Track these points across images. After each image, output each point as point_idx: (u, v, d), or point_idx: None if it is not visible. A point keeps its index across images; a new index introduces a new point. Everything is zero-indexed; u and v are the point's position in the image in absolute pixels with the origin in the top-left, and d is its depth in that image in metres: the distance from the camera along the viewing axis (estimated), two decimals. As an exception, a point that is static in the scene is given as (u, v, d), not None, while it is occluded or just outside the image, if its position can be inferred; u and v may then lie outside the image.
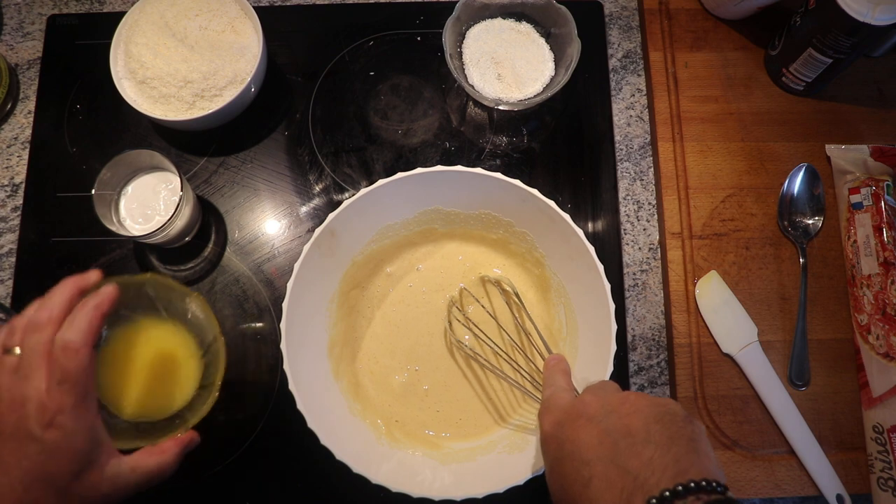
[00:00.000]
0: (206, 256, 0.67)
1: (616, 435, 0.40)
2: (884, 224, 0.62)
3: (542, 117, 0.72)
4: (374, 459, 0.55)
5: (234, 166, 0.70)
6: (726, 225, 0.67)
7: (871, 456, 0.59)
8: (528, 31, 0.70)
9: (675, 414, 0.40)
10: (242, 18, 0.68)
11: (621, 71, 0.74)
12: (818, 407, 0.62)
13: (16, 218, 0.68)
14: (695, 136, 0.70)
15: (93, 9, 0.75)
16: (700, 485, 0.35)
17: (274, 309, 0.65)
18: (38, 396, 0.39)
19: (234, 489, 0.61)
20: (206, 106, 0.65)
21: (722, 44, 0.73)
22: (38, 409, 0.39)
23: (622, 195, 0.69)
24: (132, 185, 0.63)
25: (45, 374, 0.40)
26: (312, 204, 0.69)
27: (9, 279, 0.66)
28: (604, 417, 0.41)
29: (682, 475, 0.36)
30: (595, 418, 0.42)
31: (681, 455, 0.37)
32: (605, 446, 0.39)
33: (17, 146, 0.70)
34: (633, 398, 0.42)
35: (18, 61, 0.73)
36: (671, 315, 0.65)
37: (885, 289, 0.61)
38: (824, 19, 0.61)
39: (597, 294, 0.56)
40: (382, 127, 0.71)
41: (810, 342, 0.64)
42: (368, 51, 0.73)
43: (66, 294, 0.44)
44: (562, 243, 0.58)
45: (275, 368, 0.64)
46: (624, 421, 0.40)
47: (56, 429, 0.39)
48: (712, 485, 0.35)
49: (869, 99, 0.71)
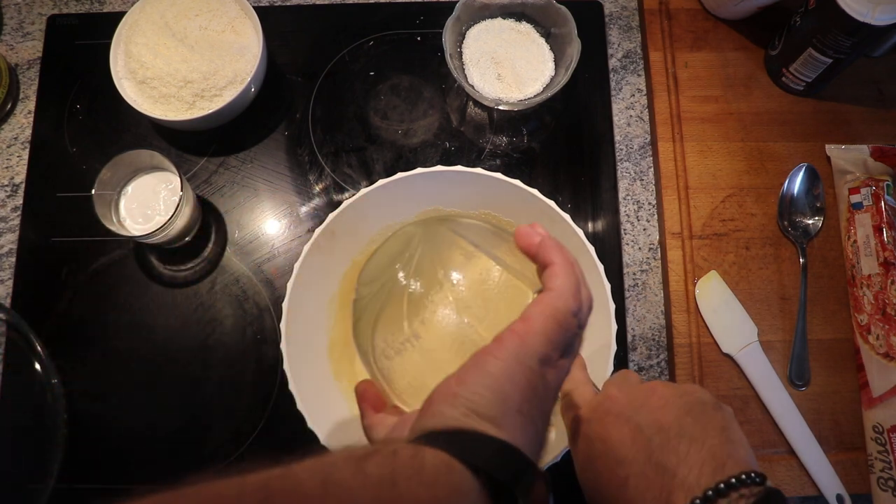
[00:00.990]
0: (206, 256, 0.67)
1: (649, 431, 0.39)
2: (884, 224, 0.62)
3: (542, 117, 0.72)
4: (374, 459, 0.55)
5: (234, 166, 0.70)
6: (726, 225, 0.67)
7: (871, 456, 0.59)
8: (528, 31, 0.70)
9: (705, 403, 0.40)
10: (242, 18, 0.68)
11: (621, 71, 0.73)
12: (818, 407, 0.62)
13: (16, 218, 0.68)
14: (695, 136, 0.70)
15: (93, 9, 0.75)
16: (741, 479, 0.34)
17: (274, 309, 0.65)
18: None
19: (234, 489, 0.61)
20: (206, 106, 0.65)
21: (722, 44, 0.73)
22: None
23: (622, 195, 0.69)
24: (132, 185, 0.63)
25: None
26: (312, 204, 0.69)
27: (9, 279, 0.66)
28: (633, 413, 0.40)
29: (721, 470, 0.35)
30: (624, 415, 0.41)
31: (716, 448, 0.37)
32: (639, 444, 0.38)
33: (17, 146, 0.70)
34: (660, 390, 0.41)
35: (18, 61, 0.73)
36: (671, 315, 0.65)
37: (885, 289, 0.61)
38: (824, 19, 0.60)
39: (597, 294, 0.56)
40: (382, 127, 0.71)
41: (810, 342, 0.64)
42: (368, 51, 0.73)
43: None
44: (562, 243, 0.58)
45: (275, 368, 0.64)
46: (655, 416, 0.39)
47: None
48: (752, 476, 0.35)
49: (869, 99, 0.71)
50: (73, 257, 0.67)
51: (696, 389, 0.41)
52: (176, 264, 0.67)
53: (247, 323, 0.65)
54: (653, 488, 0.36)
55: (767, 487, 0.35)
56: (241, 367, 0.64)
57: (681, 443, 0.37)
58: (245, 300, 0.66)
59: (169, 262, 0.67)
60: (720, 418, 0.39)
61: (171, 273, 0.67)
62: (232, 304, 0.66)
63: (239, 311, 0.66)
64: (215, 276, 0.67)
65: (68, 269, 0.66)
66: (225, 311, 0.65)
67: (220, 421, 0.62)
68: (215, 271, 0.67)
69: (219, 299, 0.66)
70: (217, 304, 0.66)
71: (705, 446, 0.37)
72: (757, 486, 0.34)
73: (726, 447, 0.37)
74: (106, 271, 0.66)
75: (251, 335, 0.65)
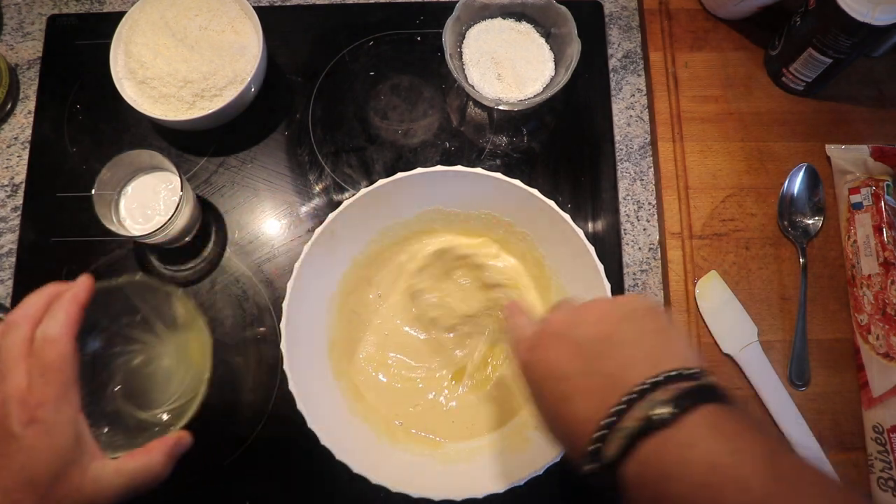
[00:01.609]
0: (206, 256, 0.67)
1: (586, 343, 0.38)
2: (884, 224, 0.62)
3: (542, 117, 0.72)
4: (374, 459, 0.55)
5: (234, 166, 0.70)
6: (726, 225, 0.67)
7: (871, 456, 0.59)
8: (528, 31, 0.70)
9: (641, 308, 0.39)
10: (242, 18, 0.68)
11: (621, 71, 0.74)
12: (818, 407, 0.62)
13: (16, 218, 0.68)
14: (695, 136, 0.70)
15: (93, 9, 0.75)
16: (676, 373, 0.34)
17: (274, 309, 0.65)
18: (19, 393, 0.38)
19: (234, 489, 0.61)
20: (206, 106, 0.65)
21: (722, 44, 0.73)
22: (18, 405, 0.38)
23: (622, 195, 0.69)
24: (132, 185, 0.63)
25: (23, 369, 0.39)
26: (312, 204, 0.69)
27: (9, 279, 0.66)
28: (571, 330, 0.40)
29: (656, 367, 0.35)
30: (562, 333, 0.40)
31: (653, 348, 0.37)
32: (577, 357, 0.38)
33: (17, 146, 0.70)
34: (597, 304, 0.41)
35: (18, 61, 0.73)
36: (671, 315, 0.65)
37: (885, 289, 0.61)
38: (824, 19, 0.60)
39: (597, 294, 0.56)
40: (382, 127, 0.71)
41: (810, 342, 0.64)
42: (368, 51, 0.73)
43: (42, 295, 0.43)
44: (562, 243, 0.58)
45: (275, 368, 0.64)
46: (591, 329, 0.39)
47: (37, 424, 0.38)
48: (689, 371, 0.34)
49: (869, 99, 0.71)
50: (73, 257, 0.67)
51: (633, 298, 0.41)
52: (176, 264, 0.67)
53: (247, 323, 0.65)
54: (592, 396, 0.36)
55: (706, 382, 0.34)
56: (241, 368, 0.64)
57: (616, 348, 0.37)
58: (245, 300, 0.66)
59: (169, 262, 0.67)
60: (657, 321, 0.39)
61: (171, 273, 0.67)
62: (232, 304, 0.66)
63: (239, 311, 0.66)
64: (215, 276, 0.67)
65: (68, 269, 0.66)
66: (225, 311, 0.65)
67: (220, 421, 0.62)
68: (215, 271, 0.67)
69: (219, 299, 0.66)
70: (217, 304, 0.66)
71: (641, 348, 0.37)
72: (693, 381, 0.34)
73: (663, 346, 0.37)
74: (106, 271, 0.66)
75: (251, 335, 0.65)
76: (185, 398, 0.51)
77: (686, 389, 0.33)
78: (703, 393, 0.33)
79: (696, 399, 0.33)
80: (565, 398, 0.38)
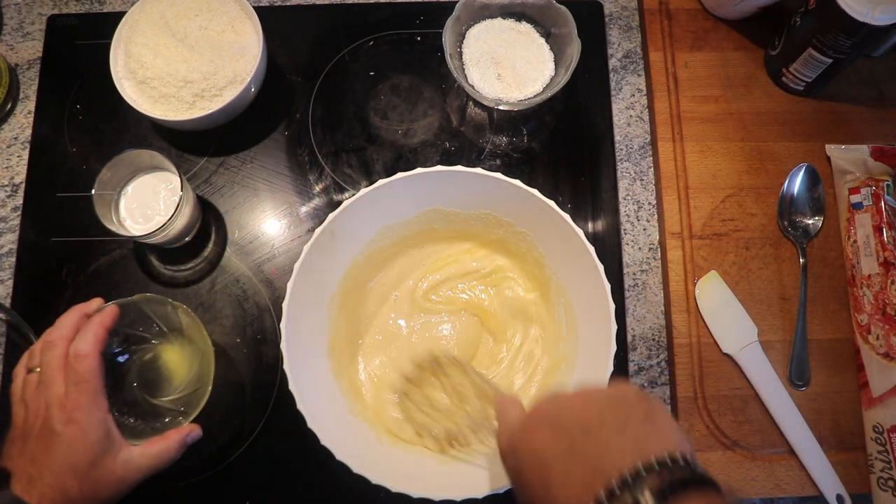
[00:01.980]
0: (206, 256, 0.67)
1: (571, 429, 0.37)
2: (884, 224, 0.62)
3: (542, 117, 0.72)
4: (374, 459, 0.55)
5: (234, 166, 0.70)
6: (726, 225, 0.67)
7: (871, 456, 0.59)
8: (528, 31, 0.70)
9: (628, 394, 0.39)
10: (242, 18, 0.68)
11: (621, 71, 0.74)
12: (818, 407, 0.62)
13: (16, 218, 0.68)
14: (695, 136, 0.70)
15: (93, 9, 0.75)
16: (662, 462, 0.33)
17: (274, 309, 0.65)
18: (58, 399, 0.47)
19: (234, 489, 0.61)
20: (206, 106, 0.65)
21: (722, 44, 0.73)
22: (59, 408, 0.47)
23: (622, 195, 0.69)
24: (132, 185, 0.63)
25: (62, 380, 0.48)
26: (312, 204, 0.69)
27: (9, 279, 0.66)
28: (556, 416, 0.39)
29: (642, 453, 0.34)
30: (548, 420, 0.40)
31: (639, 433, 0.35)
32: (561, 442, 0.37)
33: (17, 146, 0.70)
34: (585, 392, 0.40)
35: (18, 61, 0.73)
36: (671, 315, 0.65)
37: (885, 289, 0.61)
38: (824, 19, 0.61)
39: (597, 294, 0.56)
40: (382, 127, 0.71)
41: (810, 342, 0.64)
42: (368, 51, 0.73)
43: (72, 318, 0.52)
44: (562, 243, 0.58)
45: (275, 368, 0.64)
46: (577, 414, 0.38)
47: (74, 423, 0.47)
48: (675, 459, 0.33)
49: (869, 99, 0.71)
50: (73, 257, 0.67)
51: (622, 386, 0.40)
52: (176, 264, 0.67)
53: (247, 323, 0.65)
54: (574, 483, 0.35)
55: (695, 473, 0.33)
56: (241, 368, 0.64)
57: (601, 434, 0.36)
58: (245, 300, 0.66)
59: (169, 262, 0.67)
60: (644, 407, 0.37)
61: (171, 273, 0.67)
62: (232, 304, 0.66)
63: (239, 311, 0.66)
64: (215, 276, 0.67)
65: (68, 269, 0.66)
66: (225, 311, 0.65)
67: (221, 421, 0.62)
68: (215, 271, 0.67)
69: (219, 299, 0.66)
70: (217, 304, 0.66)
71: (627, 434, 0.36)
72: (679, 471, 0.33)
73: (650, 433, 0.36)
74: (106, 271, 0.66)
75: (251, 335, 0.65)
76: (189, 389, 0.57)
77: (671, 480, 0.32)
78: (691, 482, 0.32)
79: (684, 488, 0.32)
80: (546, 485, 0.37)
